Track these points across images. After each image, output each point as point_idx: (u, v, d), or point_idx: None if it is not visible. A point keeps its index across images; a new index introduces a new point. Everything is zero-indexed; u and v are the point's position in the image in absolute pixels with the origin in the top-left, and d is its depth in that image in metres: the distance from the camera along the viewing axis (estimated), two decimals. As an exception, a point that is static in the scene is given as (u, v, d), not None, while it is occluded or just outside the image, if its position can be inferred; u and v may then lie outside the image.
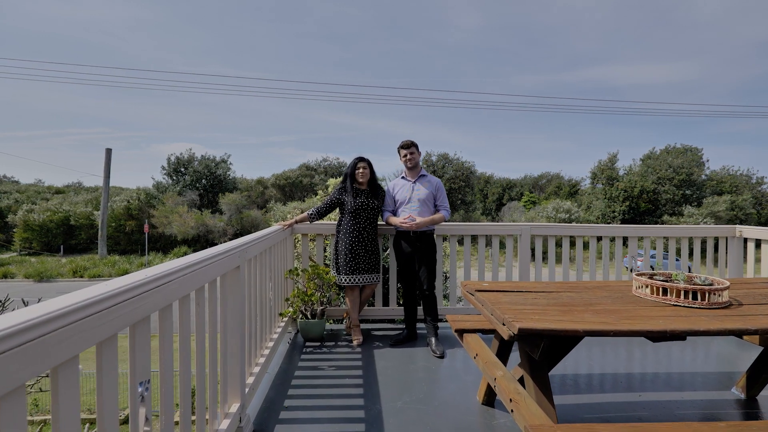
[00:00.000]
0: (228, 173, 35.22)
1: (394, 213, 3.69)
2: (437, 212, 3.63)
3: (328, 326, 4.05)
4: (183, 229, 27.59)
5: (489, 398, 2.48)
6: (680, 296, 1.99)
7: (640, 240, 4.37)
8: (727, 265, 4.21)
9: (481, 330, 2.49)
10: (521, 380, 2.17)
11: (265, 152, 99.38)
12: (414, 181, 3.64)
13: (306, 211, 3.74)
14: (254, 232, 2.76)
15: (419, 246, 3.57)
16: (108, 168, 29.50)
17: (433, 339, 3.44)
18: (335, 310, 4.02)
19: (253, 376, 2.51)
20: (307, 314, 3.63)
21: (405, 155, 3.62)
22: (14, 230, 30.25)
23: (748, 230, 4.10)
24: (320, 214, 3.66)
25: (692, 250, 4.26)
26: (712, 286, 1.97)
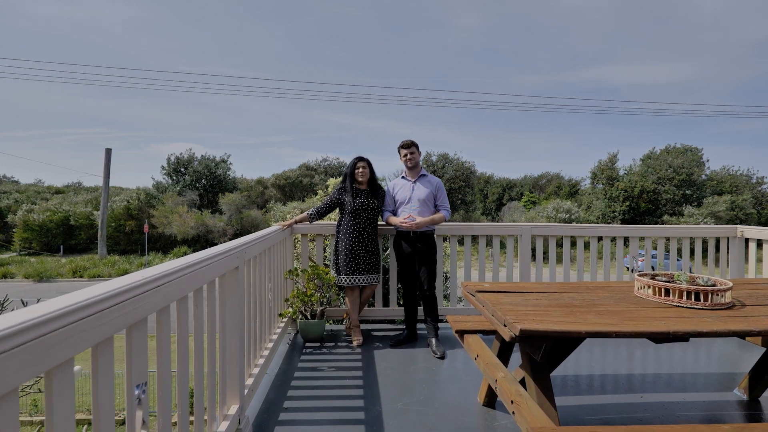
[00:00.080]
0: (228, 173, 35.22)
1: (394, 213, 3.67)
2: (437, 212, 3.61)
3: (328, 327, 4.03)
4: (183, 229, 27.57)
5: (490, 400, 2.46)
6: (683, 297, 1.98)
7: (641, 240, 4.36)
8: (729, 266, 4.20)
9: (482, 331, 2.48)
10: (522, 382, 2.16)
11: (265, 152, 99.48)
12: (414, 181, 3.62)
13: (305, 211, 3.72)
14: (254, 233, 2.75)
15: (419, 246, 3.55)
16: (108, 168, 29.50)
17: (434, 340, 3.42)
18: (335, 311, 4.00)
19: (253, 377, 2.49)
20: (307, 315, 3.62)
21: (405, 155, 3.61)
22: (14, 230, 30.24)
23: (750, 230, 4.08)
24: (320, 214, 3.64)
25: (693, 251, 4.26)
26: (715, 287, 1.95)
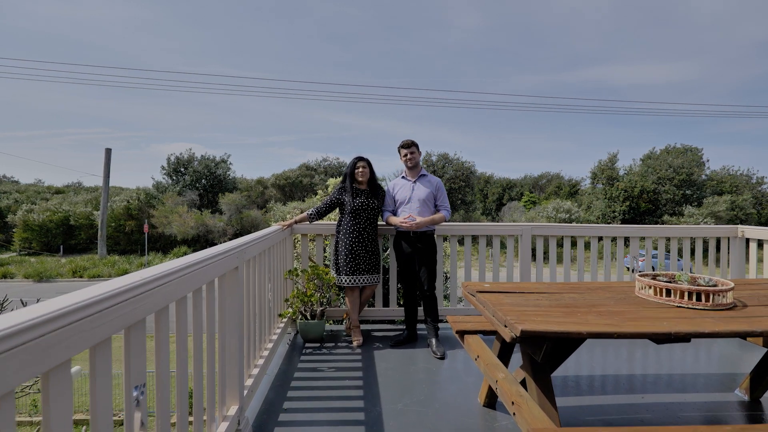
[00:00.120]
0: (228, 173, 35.23)
1: (394, 213, 3.66)
2: (438, 212, 3.61)
3: (328, 327, 4.02)
4: (183, 229, 27.57)
5: (490, 400, 2.46)
6: (684, 297, 1.97)
7: (642, 240, 4.35)
8: (729, 266, 4.19)
9: (483, 331, 2.47)
10: (523, 382, 2.15)
11: (265, 152, 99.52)
12: (414, 181, 3.62)
13: (305, 211, 3.71)
14: (254, 233, 2.74)
15: (419, 246, 3.54)
16: (108, 168, 29.50)
17: (434, 340, 3.41)
18: (335, 311, 4.00)
19: (252, 378, 2.48)
20: (307, 315, 3.61)
21: (405, 155, 3.60)
22: (14, 230, 30.24)
23: (750, 230, 4.07)
24: (320, 214, 3.64)
25: (694, 251, 4.25)
26: (717, 288, 1.94)
